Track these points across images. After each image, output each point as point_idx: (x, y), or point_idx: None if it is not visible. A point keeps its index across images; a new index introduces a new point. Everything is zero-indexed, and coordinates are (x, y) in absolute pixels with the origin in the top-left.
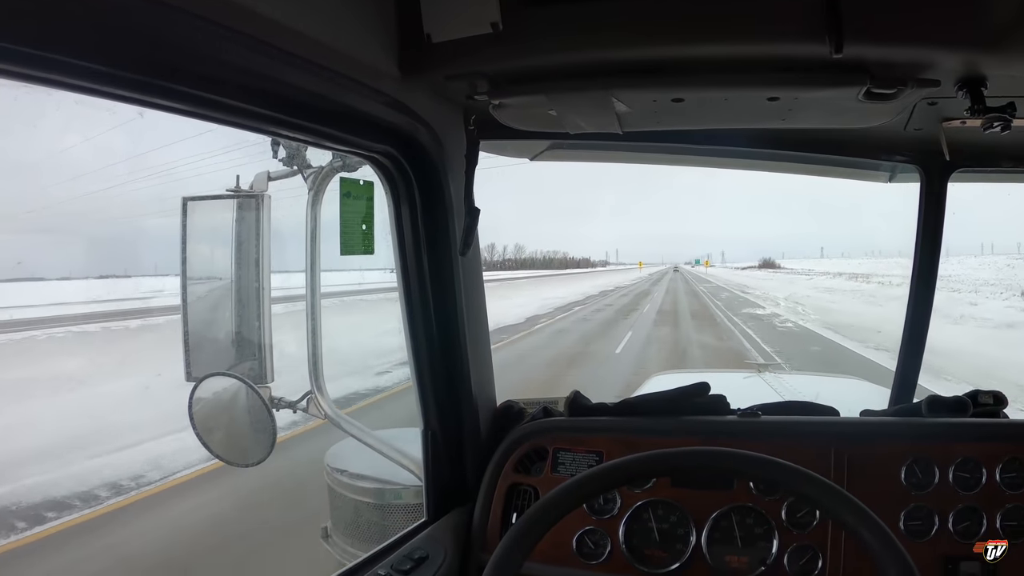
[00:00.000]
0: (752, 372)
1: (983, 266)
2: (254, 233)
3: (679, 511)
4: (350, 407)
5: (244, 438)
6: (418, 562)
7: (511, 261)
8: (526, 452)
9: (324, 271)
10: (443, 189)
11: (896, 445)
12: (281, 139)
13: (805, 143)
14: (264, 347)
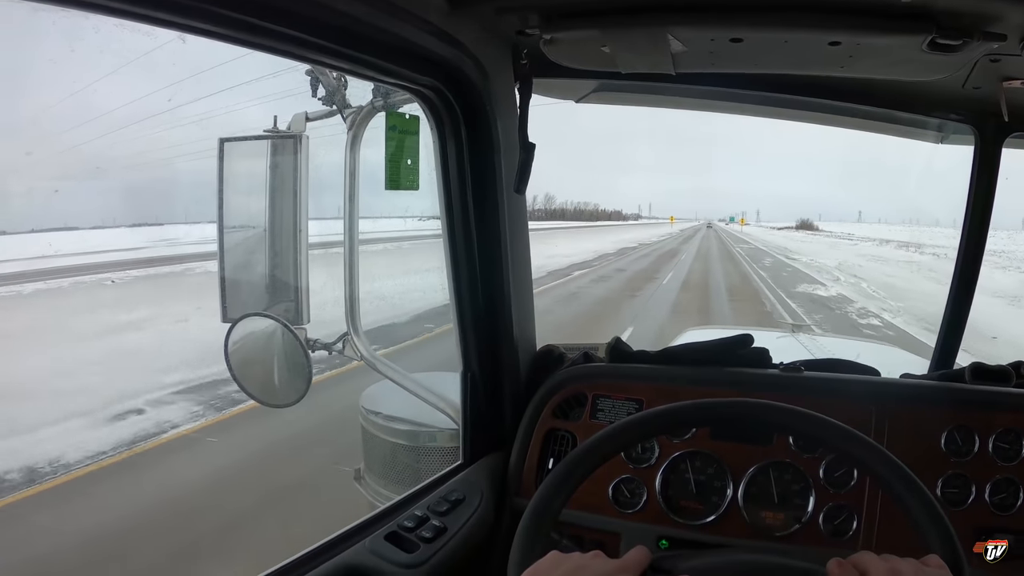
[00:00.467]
0: (786, 332)
1: None
2: (292, 174)
3: (717, 463)
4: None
5: (279, 379)
6: (454, 504)
7: (541, 211)
8: (565, 397)
9: (364, 217)
10: (490, 126)
11: (937, 410)
12: (321, 77)
13: (859, 95)
14: (300, 289)
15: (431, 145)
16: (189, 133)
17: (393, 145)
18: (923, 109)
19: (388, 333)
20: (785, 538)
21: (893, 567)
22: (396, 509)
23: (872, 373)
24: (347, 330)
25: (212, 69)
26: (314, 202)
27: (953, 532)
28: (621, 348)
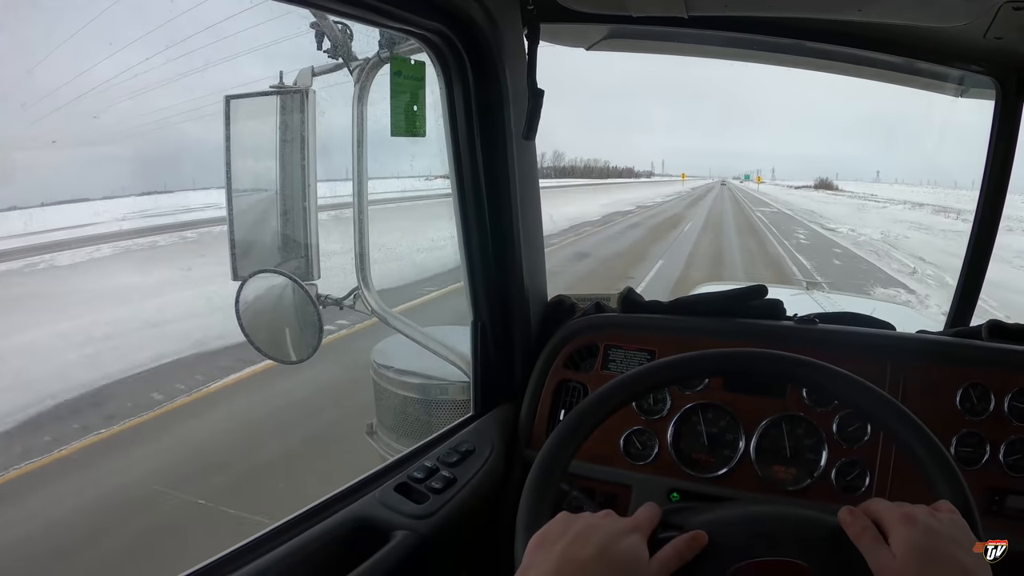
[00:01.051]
0: (800, 290)
1: None
2: (299, 130)
3: (729, 416)
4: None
5: (291, 335)
6: (464, 455)
7: (549, 169)
8: (576, 348)
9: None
10: (498, 73)
11: (953, 367)
12: (326, 30)
13: (878, 42)
14: (311, 246)
15: (440, 97)
16: (194, 94)
17: (398, 91)
18: (943, 59)
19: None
20: (797, 493)
21: (905, 512)
22: (406, 461)
23: (887, 328)
24: (357, 285)
25: (216, 26)
26: (329, 161)
27: (963, 479)
28: (633, 298)
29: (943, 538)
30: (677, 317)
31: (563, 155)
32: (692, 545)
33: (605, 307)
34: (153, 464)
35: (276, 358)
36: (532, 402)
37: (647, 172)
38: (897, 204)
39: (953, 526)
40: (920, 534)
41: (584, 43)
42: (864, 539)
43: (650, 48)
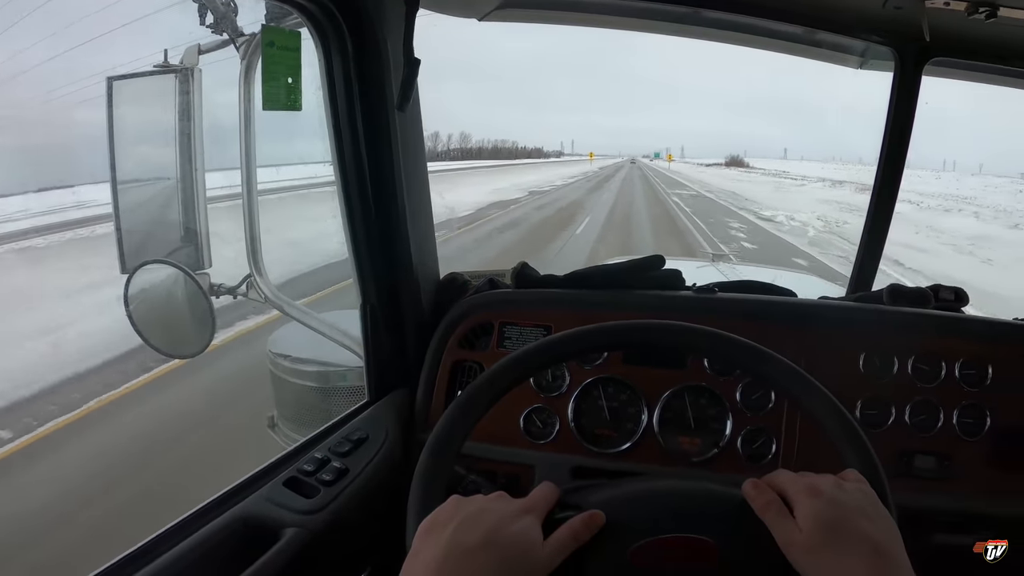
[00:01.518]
0: (706, 261)
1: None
2: (186, 111)
3: (630, 389)
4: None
5: (184, 328)
6: (356, 443)
7: (456, 151)
8: (471, 327)
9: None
10: (378, 42)
11: (855, 331)
12: (208, 3)
13: (778, 11)
14: (200, 233)
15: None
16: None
17: (272, 63)
18: (842, 29)
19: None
20: (703, 463)
21: (810, 483)
22: (297, 453)
23: (788, 295)
24: (249, 271)
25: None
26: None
27: (869, 446)
28: (528, 273)
29: (849, 509)
30: (573, 291)
31: (470, 136)
32: (589, 525)
33: (499, 283)
34: None
35: (170, 353)
36: (428, 384)
37: (556, 152)
38: (814, 182)
39: (861, 496)
40: (825, 506)
41: (476, 13)
42: (769, 512)
43: (545, 18)
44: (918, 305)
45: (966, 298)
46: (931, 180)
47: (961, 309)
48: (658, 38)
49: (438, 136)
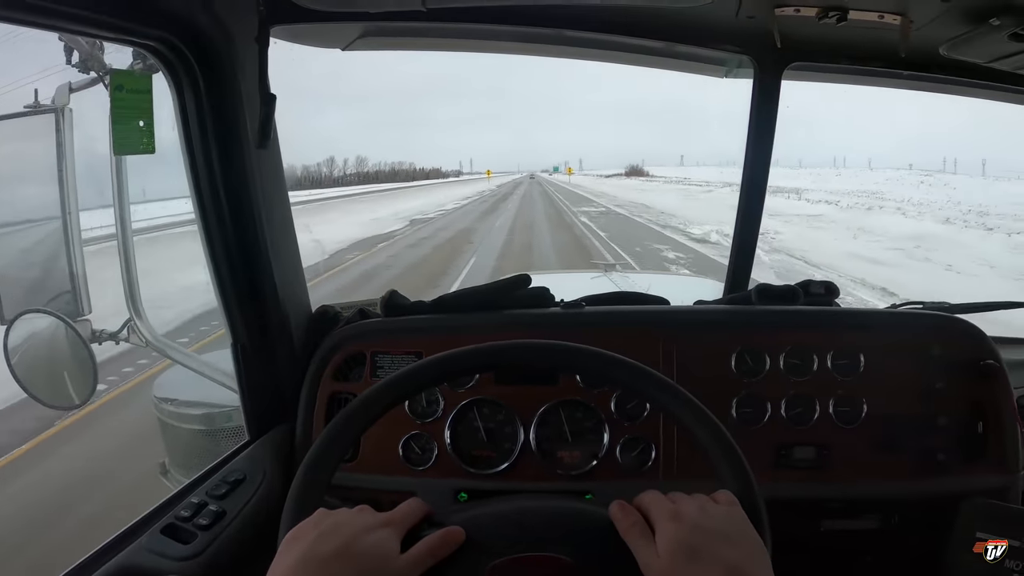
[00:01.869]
0: (599, 272)
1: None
2: (56, 152)
3: (504, 409)
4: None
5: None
6: (234, 484)
7: (353, 176)
8: (344, 358)
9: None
10: (233, 80)
11: (725, 333)
12: (70, 41)
13: (634, 27)
14: (77, 277)
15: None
16: None
17: (121, 106)
18: (701, 41)
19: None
20: (584, 475)
21: (674, 508)
22: (175, 500)
23: (660, 302)
24: (129, 315)
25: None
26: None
27: (748, 468)
28: (396, 301)
29: (710, 535)
30: (442, 316)
31: (366, 160)
32: (446, 541)
33: (369, 313)
34: None
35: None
36: (306, 420)
37: (456, 171)
38: (720, 187)
39: (724, 520)
40: (685, 531)
41: (339, 43)
42: (632, 535)
43: (408, 45)
44: (787, 302)
45: (837, 291)
46: (832, 177)
47: (835, 301)
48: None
49: (333, 161)
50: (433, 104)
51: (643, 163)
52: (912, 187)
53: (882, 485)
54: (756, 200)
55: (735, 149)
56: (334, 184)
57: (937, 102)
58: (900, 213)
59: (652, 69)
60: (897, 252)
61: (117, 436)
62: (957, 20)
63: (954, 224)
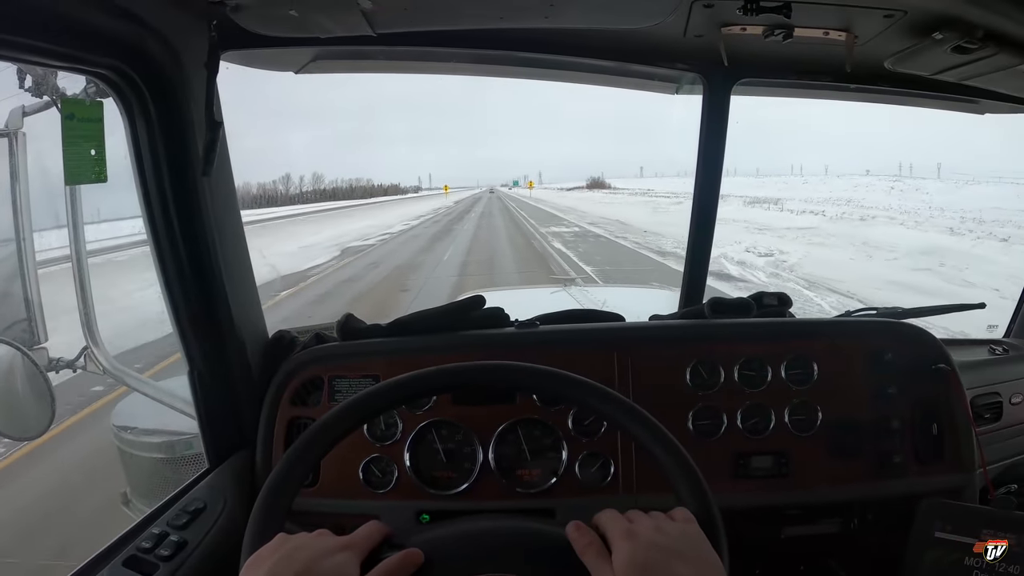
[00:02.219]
0: (559, 287)
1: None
2: (9, 177)
3: (463, 429)
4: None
5: (25, 408)
6: (195, 514)
7: (310, 193)
8: (302, 383)
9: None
10: (184, 107)
11: (679, 348)
12: (24, 67)
13: (585, 48)
14: (32, 304)
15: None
16: None
17: (72, 135)
18: (651, 60)
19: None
20: (544, 493)
21: (631, 528)
22: (136, 531)
23: (615, 319)
24: (86, 343)
25: None
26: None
27: (703, 482)
28: (352, 325)
29: (665, 553)
30: (398, 339)
31: (323, 177)
32: (405, 563)
33: (326, 337)
34: None
35: (15, 436)
36: (265, 446)
37: (415, 187)
38: (688, 198)
39: (680, 538)
40: (641, 550)
41: (292, 67)
42: (588, 555)
43: (361, 68)
44: (740, 314)
45: (789, 301)
46: (800, 185)
47: (788, 312)
48: None
49: (289, 178)
50: (391, 120)
51: (603, 175)
52: (884, 193)
53: (840, 490)
54: (708, 213)
55: (690, 160)
56: (290, 202)
57: (888, 109)
58: (897, 223)
59: (605, 88)
60: (926, 273)
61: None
62: (901, 35)
63: (961, 235)
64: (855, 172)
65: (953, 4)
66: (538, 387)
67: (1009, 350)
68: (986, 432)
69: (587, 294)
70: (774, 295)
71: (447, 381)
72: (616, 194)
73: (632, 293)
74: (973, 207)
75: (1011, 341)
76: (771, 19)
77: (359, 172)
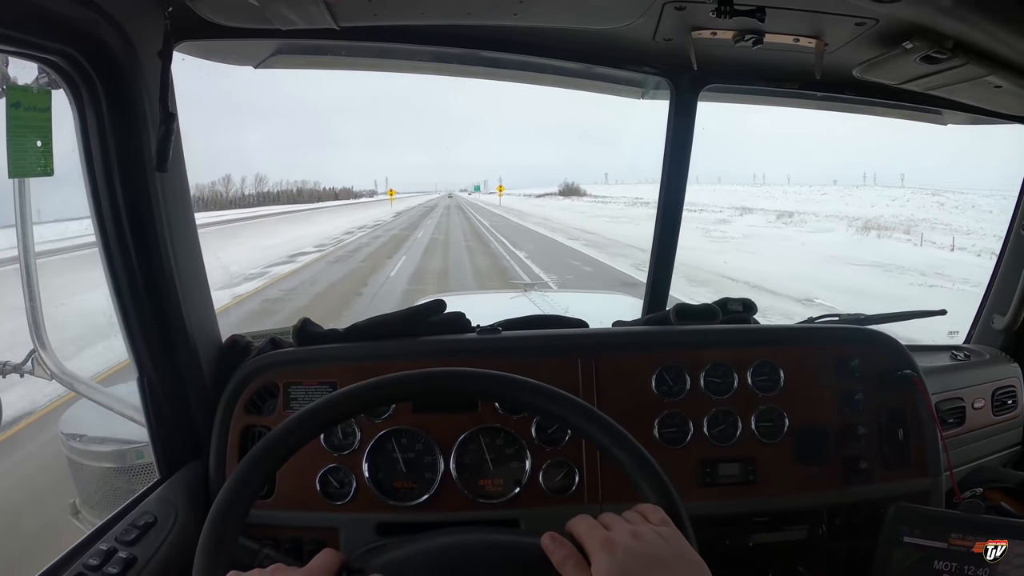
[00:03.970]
0: (519, 292)
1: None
2: None
3: (423, 438)
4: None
5: None
6: (144, 528)
7: (252, 196)
8: (256, 390)
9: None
10: (136, 98)
11: (644, 354)
12: None
13: (551, 49)
14: None
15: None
16: None
17: (17, 125)
18: (619, 63)
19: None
20: (507, 503)
21: (609, 537)
22: (83, 547)
23: (579, 325)
24: (33, 346)
25: None
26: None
27: (667, 480)
28: (309, 329)
29: (645, 559)
30: (355, 344)
31: (266, 179)
32: None
33: (282, 342)
34: None
35: None
36: (219, 456)
37: (370, 191)
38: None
39: (658, 542)
40: (620, 561)
41: (252, 61)
42: (567, 567)
43: (323, 63)
44: (706, 320)
45: (754, 307)
46: (780, 195)
47: (753, 318)
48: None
49: (230, 180)
50: (348, 122)
51: (576, 181)
52: (871, 204)
53: (808, 496)
54: (673, 218)
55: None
56: (229, 206)
57: (853, 118)
58: (909, 241)
59: (569, 90)
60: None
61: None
62: (871, 43)
63: (979, 253)
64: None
65: (925, 14)
66: (484, 391)
67: (970, 356)
68: (951, 436)
69: (548, 299)
70: (739, 301)
71: (403, 389)
72: (598, 203)
73: (594, 299)
74: (963, 222)
75: (972, 347)
76: (743, 23)
77: (312, 174)
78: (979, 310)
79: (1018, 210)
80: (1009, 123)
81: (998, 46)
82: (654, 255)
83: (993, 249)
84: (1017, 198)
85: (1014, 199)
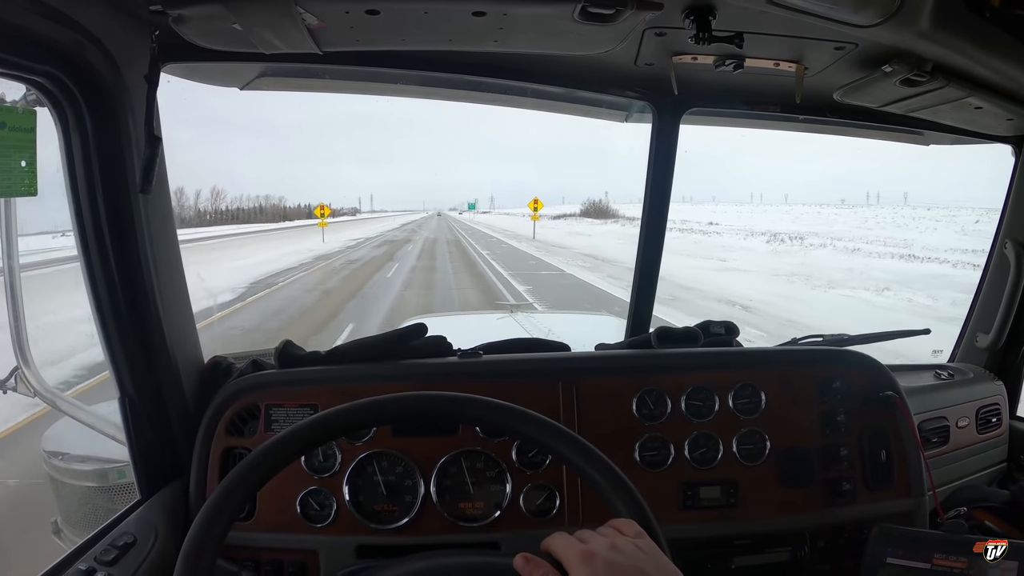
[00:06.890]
0: (505, 313)
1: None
2: None
3: (404, 461)
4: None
5: None
6: (124, 549)
7: (210, 214)
8: (238, 412)
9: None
10: (122, 120)
11: (625, 377)
12: None
13: (533, 73)
14: None
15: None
16: None
17: (2, 144)
18: (601, 88)
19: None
20: (488, 526)
21: (587, 550)
22: (62, 567)
23: (561, 348)
24: (16, 363)
25: None
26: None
27: (638, 495)
28: (291, 351)
29: (625, 570)
30: (337, 367)
31: (224, 193)
32: None
33: (264, 364)
34: None
35: None
36: (199, 477)
37: (352, 209)
38: (736, 234)
39: (638, 555)
40: (602, 572)
41: (237, 83)
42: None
43: (307, 86)
44: (687, 343)
45: (736, 330)
46: (781, 216)
47: (735, 340)
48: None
49: (183, 192)
50: (333, 138)
51: (563, 200)
52: (893, 225)
53: (790, 518)
54: (656, 241)
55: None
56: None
57: (853, 140)
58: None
59: (555, 114)
60: None
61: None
62: (851, 67)
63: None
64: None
65: (903, 38)
66: (453, 413)
67: (954, 375)
68: (934, 456)
69: (533, 321)
70: (721, 324)
71: (382, 412)
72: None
73: (578, 320)
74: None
75: (956, 366)
76: (723, 49)
77: (281, 190)
78: (963, 329)
79: (1000, 228)
80: (990, 143)
81: (977, 68)
82: (637, 277)
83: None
84: (999, 216)
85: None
